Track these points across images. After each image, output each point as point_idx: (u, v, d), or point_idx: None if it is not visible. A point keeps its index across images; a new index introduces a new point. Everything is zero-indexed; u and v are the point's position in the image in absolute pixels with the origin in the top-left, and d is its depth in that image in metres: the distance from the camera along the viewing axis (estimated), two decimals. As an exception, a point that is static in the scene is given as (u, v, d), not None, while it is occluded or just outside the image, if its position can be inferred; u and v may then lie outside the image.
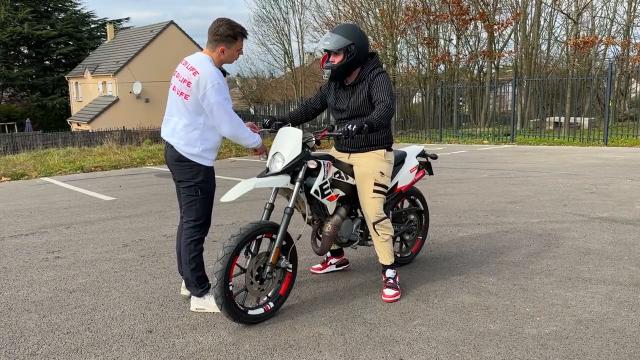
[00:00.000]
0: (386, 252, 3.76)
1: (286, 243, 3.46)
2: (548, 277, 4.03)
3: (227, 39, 3.36)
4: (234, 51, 3.41)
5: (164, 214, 6.79)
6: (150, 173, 11.35)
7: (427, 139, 18.65)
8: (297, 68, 33.47)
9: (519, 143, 16.21)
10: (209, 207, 3.52)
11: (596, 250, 4.66)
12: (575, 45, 20.76)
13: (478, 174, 9.54)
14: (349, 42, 3.56)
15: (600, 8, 26.41)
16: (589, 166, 10.07)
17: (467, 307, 3.52)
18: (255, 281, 3.34)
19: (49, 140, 22.16)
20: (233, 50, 3.40)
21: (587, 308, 3.45)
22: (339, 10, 28.82)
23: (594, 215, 5.94)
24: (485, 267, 4.32)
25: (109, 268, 4.60)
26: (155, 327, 3.35)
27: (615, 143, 14.67)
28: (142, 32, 36.87)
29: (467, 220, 5.94)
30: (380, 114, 3.46)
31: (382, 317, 3.39)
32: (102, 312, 3.61)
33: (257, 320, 3.34)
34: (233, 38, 3.37)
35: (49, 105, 39.46)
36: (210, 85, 3.23)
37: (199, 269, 3.50)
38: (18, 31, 38.33)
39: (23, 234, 5.94)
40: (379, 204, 3.69)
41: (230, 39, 3.36)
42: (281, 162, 3.42)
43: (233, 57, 3.44)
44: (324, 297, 3.79)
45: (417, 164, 4.25)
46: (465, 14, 22.94)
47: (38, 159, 13.43)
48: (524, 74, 23.06)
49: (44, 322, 3.47)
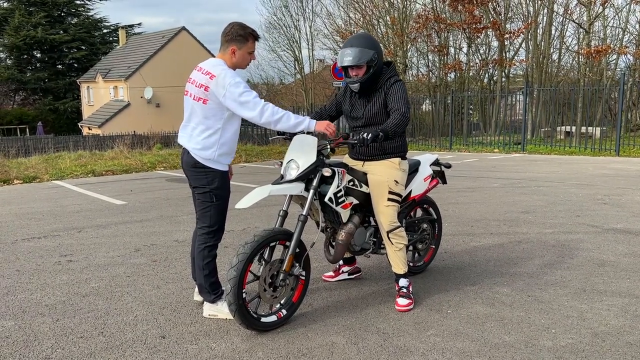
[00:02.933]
0: (400, 261, 3.74)
1: (299, 250, 3.46)
2: (563, 289, 3.99)
3: (238, 38, 3.37)
4: (245, 53, 3.41)
5: (175, 219, 6.81)
6: (162, 178, 11.40)
7: (437, 147, 18.60)
8: (307, 75, 33.56)
9: (529, 152, 16.13)
10: (223, 214, 3.53)
11: (611, 262, 4.62)
12: (588, 54, 20.65)
13: (489, 183, 9.49)
14: (371, 53, 3.56)
15: (612, 17, 26.30)
16: (601, 176, 10.00)
17: (482, 318, 3.49)
18: (268, 288, 3.34)
19: (61, 143, 22.32)
20: (244, 51, 3.40)
21: (603, 321, 3.41)
22: (350, 18, 28.91)
23: (608, 227, 5.89)
24: (499, 277, 4.29)
25: (121, 272, 4.61)
26: (169, 333, 3.35)
27: (627, 153, 14.56)
28: (154, 38, 37.14)
29: (479, 229, 5.91)
30: (396, 122, 3.46)
31: (395, 327, 3.37)
32: (115, 317, 3.62)
33: (270, 328, 3.33)
34: (244, 38, 3.38)
35: (60, 109, 39.78)
36: (229, 83, 3.24)
37: (212, 275, 3.50)
38: (31, 35, 38.72)
39: (36, 237, 5.97)
40: (393, 212, 3.68)
41: (241, 39, 3.37)
42: (296, 170, 3.42)
43: (245, 59, 3.44)
44: (336, 305, 3.77)
45: (430, 173, 4.24)
46: (478, 23, 22.91)
47: (50, 162, 13.52)
48: (535, 82, 22.97)
49: (57, 326, 3.48)
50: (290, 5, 33.36)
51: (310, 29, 32.52)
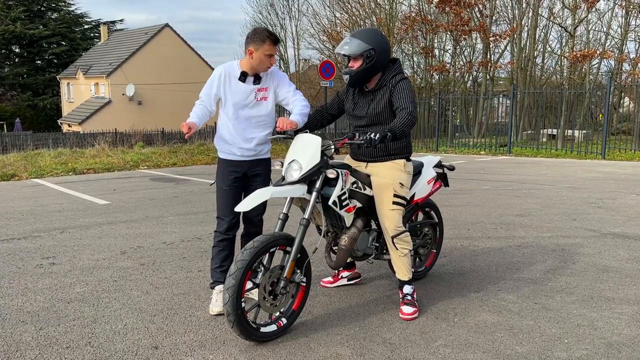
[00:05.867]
0: (404, 267, 3.58)
1: (301, 256, 3.28)
2: (569, 296, 3.87)
3: (255, 40, 3.45)
4: (262, 55, 3.47)
5: (161, 220, 6.57)
6: (145, 177, 11.12)
7: (424, 148, 18.55)
8: (293, 74, 33.33)
9: (516, 155, 16.16)
10: (219, 201, 3.67)
11: (614, 268, 4.52)
12: (574, 58, 20.79)
13: (480, 185, 9.41)
14: (368, 47, 3.41)
15: (595, 22, 26.54)
16: (591, 179, 9.99)
17: (490, 327, 3.35)
18: (268, 296, 3.15)
19: (40, 140, 21.77)
20: (261, 53, 3.46)
21: (615, 330, 3.29)
22: (336, 18, 28.77)
23: (606, 231, 5.81)
24: (503, 283, 4.16)
25: (107, 276, 4.38)
26: (161, 343, 3.15)
27: (611, 157, 14.65)
28: (137, 34, 36.56)
29: (476, 233, 5.78)
30: (403, 121, 3.30)
31: (402, 337, 3.21)
32: (103, 325, 3.40)
33: (269, 338, 3.14)
34: (261, 40, 3.45)
35: (39, 105, 38.98)
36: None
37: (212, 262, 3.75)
38: (10, 30, 37.87)
39: (15, 237, 5.70)
40: (398, 216, 3.52)
41: (258, 40, 3.45)
42: (298, 171, 3.24)
43: (262, 62, 3.49)
44: (337, 313, 3.60)
45: (434, 175, 4.09)
46: (465, 25, 22.93)
47: (29, 160, 13.12)
48: (519, 85, 23.07)
49: (41, 335, 3.25)
50: (276, 4, 33.18)
51: (297, 28, 32.41)
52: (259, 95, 3.58)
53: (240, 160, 3.63)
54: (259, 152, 3.67)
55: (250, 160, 3.65)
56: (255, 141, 3.61)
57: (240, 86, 3.53)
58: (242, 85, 3.53)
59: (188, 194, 8.69)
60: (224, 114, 3.60)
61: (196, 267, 4.64)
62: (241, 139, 3.59)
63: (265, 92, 3.60)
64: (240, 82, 3.52)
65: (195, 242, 5.50)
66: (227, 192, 3.62)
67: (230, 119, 3.57)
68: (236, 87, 3.53)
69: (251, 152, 3.63)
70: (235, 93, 3.53)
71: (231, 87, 3.53)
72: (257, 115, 3.60)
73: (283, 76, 3.70)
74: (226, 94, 3.54)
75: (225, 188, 3.62)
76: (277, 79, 3.65)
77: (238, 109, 3.55)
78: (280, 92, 3.64)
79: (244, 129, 3.59)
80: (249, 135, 3.60)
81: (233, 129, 3.58)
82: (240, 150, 3.60)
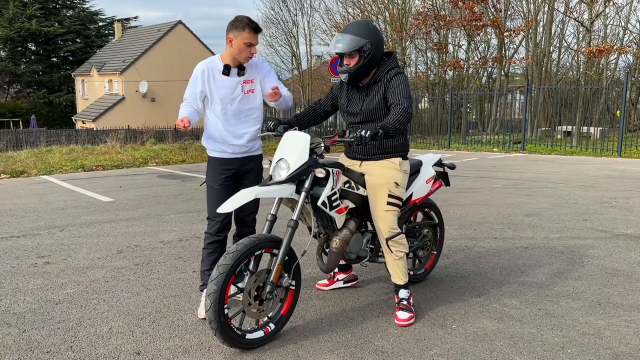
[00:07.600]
0: (400, 270, 3.42)
1: (289, 259, 3.13)
2: (576, 302, 3.69)
3: (236, 26, 3.35)
4: (241, 43, 3.35)
5: (162, 218, 6.48)
6: (153, 174, 11.06)
7: (436, 145, 18.30)
8: (305, 71, 33.21)
9: (529, 152, 15.84)
10: (209, 201, 3.55)
11: (625, 272, 4.31)
12: (590, 53, 20.35)
13: (490, 183, 9.19)
14: (363, 42, 3.25)
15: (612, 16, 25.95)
16: (605, 178, 9.71)
17: (490, 334, 3.18)
18: (253, 302, 3.01)
19: (53, 137, 21.90)
20: (240, 41, 3.35)
21: (622, 340, 3.11)
22: (349, 14, 28.55)
23: (618, 232, 5.58)
24: (506, 287, 3.98)
25: (100, 277, 4.29)
26: (144, 349, 3.03)
27: (628, 154, 14.28)
28: (150, 32, 36.65)
29: (482, 233, 5.60)
30: (397, 118, 3.14)
31: (395, 345, 3.06)
32: (87, 329, 3.30)
33: (256, 345, 3.01)
34: (241, 27, 3.34)
35: (54, 102, 39.28)
36: None
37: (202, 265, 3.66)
38: (26, 27, 38.18)
39: (14, 235, 5.64)
40: (393, 217, 3.36)
41: (239, 27, 3.34)
42: (286, 170, 3.10)
43: (242, 50, 3.37)
44: (330, 318, 3.46)
45: (433, 174, 3.92)
46: (478, 20, 22.58)
47: (39, 157, 13.14)
48: (534, 81, 22.67)
49: (23, 339, 3.16)
50: (288, 0, 33.01)
51: (309, 25, 32.29)
52: (246, 88, 3.46)
53: (232, 158, 3.51)
54: (251, 148, 3.56)
55: (242, 158, 3.53)
56: (247, 137, 3.50)
57: (225, 80, 3.42)
58: (226, 78, 3.42)
59: (193, 191, 8.60)
60: (211, 112, 3.48)
61: (191, 267, 4.52)
62: (232, 135, 3.47)
63: (252, 85, 3.48)
64: (224, 76, 3.42)
65: (193, 241, 5.39)
66: (218, 191, 3.50)
67: (219, 116, 3.45)
68: (221, 82, 3.42)
69: (243, 149, 3.51)
70: (220, 87, 3.41)
71: (215, 82, 3.42)
72: (246, 108, 3.48)
73: (270, 70, 3.58)
74: (212, 89, 3.42)
75: (216, 187, 3.51)
76: (263, 72, 3.53)
77: (226, 103, 3.43)
78: (265, 85, 3.51)
79: (234, 125, 3.47)
80: (240, 130, 3.48)
81: (222, 126, 3.46)
82: (232, 147, 3.48)
